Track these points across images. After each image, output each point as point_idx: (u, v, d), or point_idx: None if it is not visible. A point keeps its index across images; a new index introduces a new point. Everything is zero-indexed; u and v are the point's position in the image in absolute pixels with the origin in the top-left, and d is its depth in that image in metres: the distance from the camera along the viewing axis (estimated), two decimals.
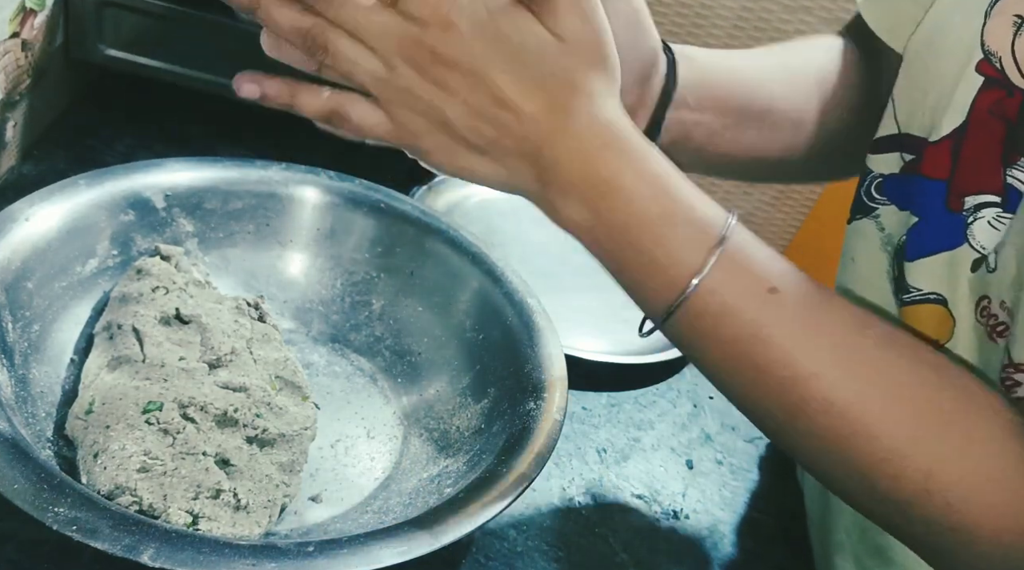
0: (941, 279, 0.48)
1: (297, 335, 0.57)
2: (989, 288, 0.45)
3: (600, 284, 0.76)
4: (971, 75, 0.48)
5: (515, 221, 0.78)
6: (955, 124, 0.48)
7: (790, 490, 0.64)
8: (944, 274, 0.48)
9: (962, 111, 0.48)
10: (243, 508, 0.42)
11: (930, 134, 0.50)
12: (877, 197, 0.54)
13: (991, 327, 0.45)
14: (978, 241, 0.46)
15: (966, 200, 0.47)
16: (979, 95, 0.47)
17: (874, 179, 0.54)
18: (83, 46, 0.67)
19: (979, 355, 0.47)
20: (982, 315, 0.46)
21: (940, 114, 0.49)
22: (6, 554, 0.42)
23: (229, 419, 0.45)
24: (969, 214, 0.47)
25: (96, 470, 0.41)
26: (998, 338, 0.45)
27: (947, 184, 0.48)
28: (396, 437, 0.53)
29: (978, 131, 0.47)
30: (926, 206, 0.49)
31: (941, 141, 0.49)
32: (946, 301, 0.48)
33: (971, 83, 0.48)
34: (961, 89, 0.48)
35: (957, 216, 0.47)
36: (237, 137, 0.73)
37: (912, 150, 0.51)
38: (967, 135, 0.48)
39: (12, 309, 0.45)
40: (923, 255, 0.49)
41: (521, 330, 0.54)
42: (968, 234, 0.47)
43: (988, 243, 0.46)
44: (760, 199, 1.56)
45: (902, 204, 0.52)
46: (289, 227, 0.59)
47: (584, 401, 0.64)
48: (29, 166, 0.64)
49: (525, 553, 0.51)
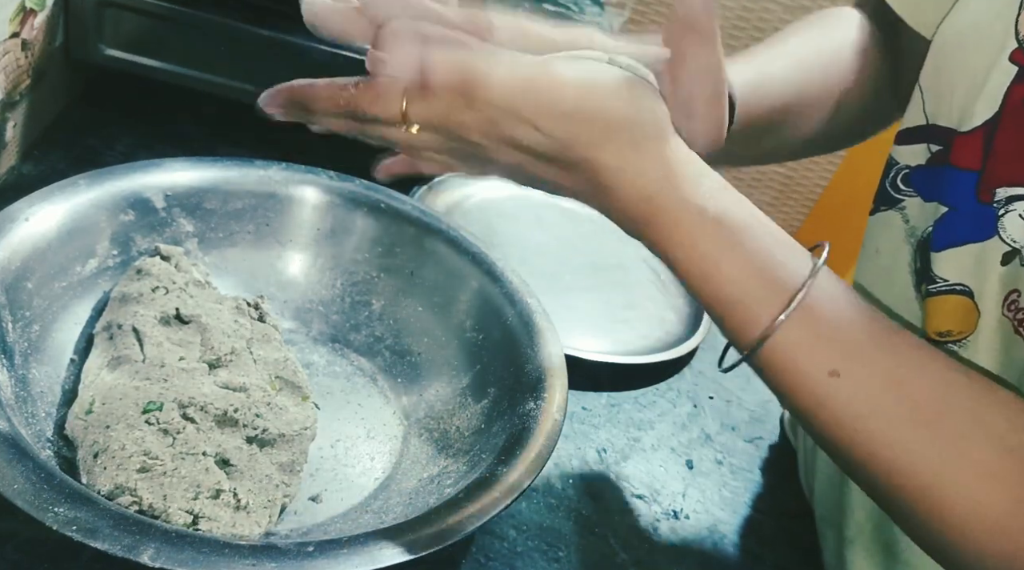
0: (968, 270, 0.47)
1: (297, 335, 0.57)
2: (1020, 281, 0.45)
3: (600, 284, 0.77)
4: (1004, 64, 0.47)
5: (515, 221, 0.78)
6: (988, 115, 0.47)
7: (790, 490, 0.64)
8: (972, 266, 0.47)
9: (995, 101, 0.47)
10: (243, 508, 0.42)
11: (960, 124, 0.49)
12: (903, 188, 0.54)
13: (1019, 321, 0.45)
14: (1009, 234, 0.46)
15: (997, 192, 0.46)
16: (1013, 86, 0.47)
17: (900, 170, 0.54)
18: (83, 46, 0.67)
19: (1002, 348, 0.46)
20: (1009, 309, 0.45)
21: (971, 104, 0.48)
22: (6, 554, 0.42)
23: (229, 419, 0.45)
24: (1000, 206, 0.46)
25: (96, 470, 0.41)
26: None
27: (978, 175, 0.47)
28: (396, 437, 0.53)
29: (1012, 122, 0.46)
30: (955, 197, 0.49)
31: (973, 131, 0.48)
32: (972, 293, 0.47)
33: (1005, 73, 0.47)
34: (994, 79, 0.47)
35: (988, 208, 0.47)
36: (237, 137, 0.73)
37: (939, 141, 0.51)
38: (1000, 126, 0.47)
39: (12, 309, 0.45)
40: (951, 245, 0.48)
41: (521, 330, 0.54)
42: (999, 227, 0.46)
43: (1020, 236, 0.45)
44: (760, 199, 1.56)
45: (928, 195, 0.51)
46: (289, 227, 0.59)
47: (584, 401, 0.63)
48: (29, 166, 0.64)
49: (525, 553, 0.51)
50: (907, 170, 0.53)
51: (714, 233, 0.42)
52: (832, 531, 0.58)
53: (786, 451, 0.67)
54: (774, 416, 0.70)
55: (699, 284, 0.43)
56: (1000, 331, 0.46)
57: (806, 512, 0.62)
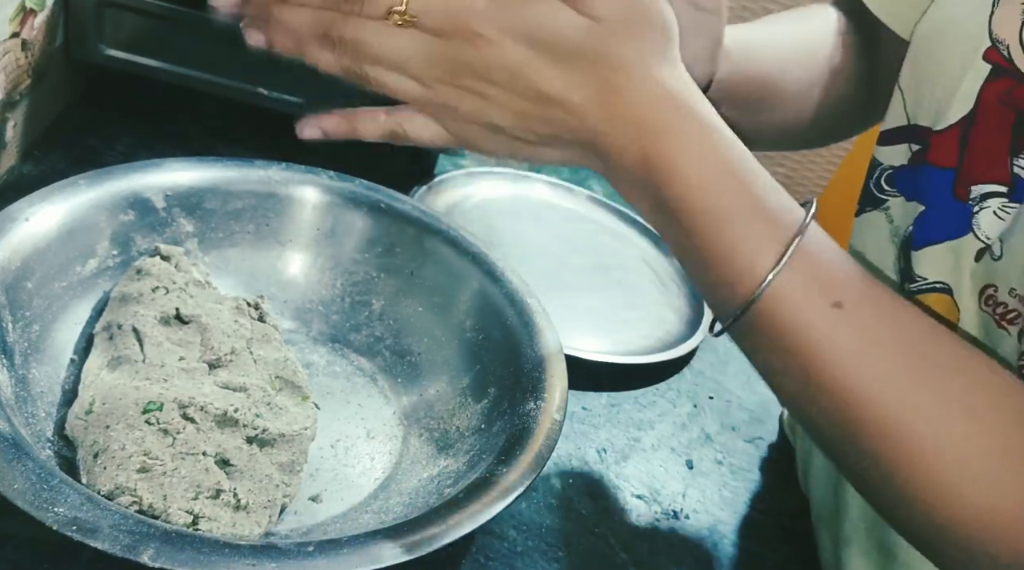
0: (946, 268, 0.48)
1: (297, 335, 0.57)
2: (995, 277, 0.45)
3: (600, 284, 0.77)
4: (979, 63, 0.47)
5: (515, 221, 0.78)
6: (963, 113, 0.48)
7: (790, 490, 0.64)
8: (949, 263, 0.47)
9: (970, 99, 0.47)
10: (243, 508, 0.42)
11: (936, 123, 0.49)
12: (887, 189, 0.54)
13: (999, 315, 0.45)
14: (983, 231, 0.46)
15: (972, 189, 0.47)
16: (987, 84, 0.47)
17: (883, 171, 0.54)
18: (83, 46, 0.67)
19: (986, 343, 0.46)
20: (986, 304, 0.46)
21: (947, 102, 0.49)
22: (6, 554, 0.42)
23: (229, 419, 0.45)
24: (975, 203, 0.46)
25: (96, 470, 0.41)
26: (1008, 325, 0.44)
27: (954, 173, 0.48)
28: (396, 437, 0.53)
29: (986, 120, 0.47)
30: (933, 195, 0.49)
31: (948, 130, 0.48)
32: (951, 290, 0.47)
33: (979, 71, 0.47)
34: (969, 77, 0.47)
35: (963, 205, 0.47)
36: (237, 137, 0.73)
37: (919, 140, 0.51)
38: (975, 124, 0.47)
39: (12, 309, 0.45)
40: (929, 244, 0.48)
41: (521, 330, 0.54)
42: (973, 224, 0.46)
43: (992, 233, 0.45)
44: None
45: (910, 195, 0.52)
46: (289, 227, 0.59)
47: (584, 401, 0.64)
48: (29, 166, 0.64)
49: (525, 553, 0.51)
50: (890, 170, 0.54)
51: (724, 155, 0.40)
52: (828, 531, 0.58)
53: (786, 451, 0.67)
54: (774, 416, 0.70)
55: (700, 224, 0.40)
56: (981, 326, 0.46)
57: (806, 512, 0.62)
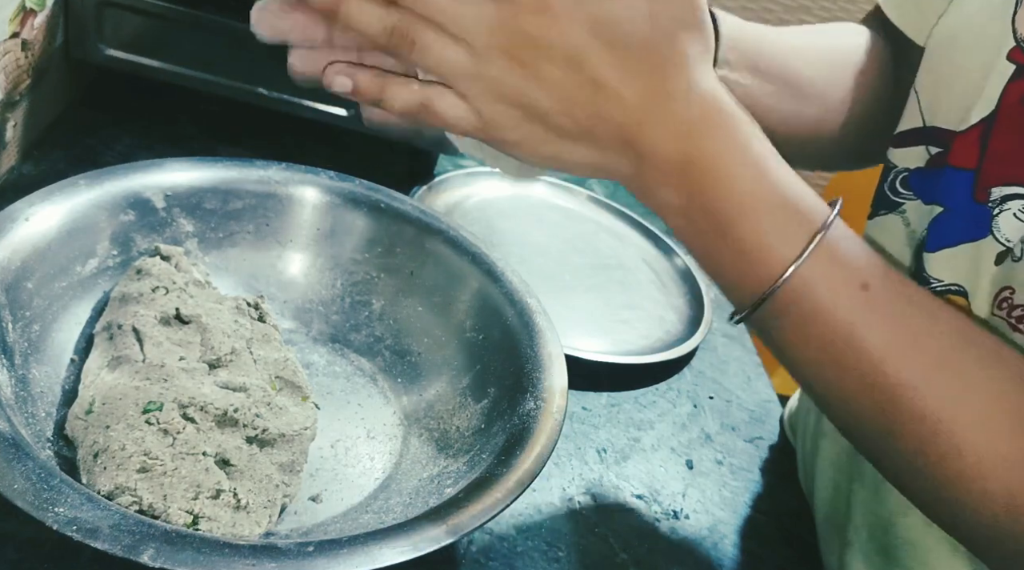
0: (962, 271, 0.47)
1: (297, 335, 0.57)
2: (1013, 278, 0.45)
3: (600, 284, 0.77)
4: (1002, 63, 0.47)
5: (515, 221, 0.78)
6: (984, 113, 0.47)
7: (790, 490, 0.64)
8: (966, 266, 0.47)
9: (992, 100, 0.47)
10: (243, 508, 0.42)
11: (958, 125, 0.49)
12: (903, 191, 0.53)
13: (1016, 318, 0.45)
14: (1003, 233, 0.46)
15: (992, 191, 0.46)
16: (1010, 84, 0.47)
17: (899, 174, 0.54)
18: (83, 46, 0.67)
19: None
20: (1000, 307, 0.45)
21: (969, 103, 0.48)
22: (6, 554, 0.42)
23: (229, 419, 0.45)
24: (995, 206, 0.46)
25: (96, 470, 0.41)
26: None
27: (974, 174, 0.47)
28: (396, 437, 0.53)
29: (1008, 121, 0.46)
30: (952, 197, 0.48)
31: (969, 130, 0.48)
32: (967, 293, 0.47)
33: (1002, 71, 0.47)
34: (992, 78, 0.47)
35: (983, 207, 0.46)
36: (237, 137, 0.73)
37: (939, 143, 0.51)
38: (996, 124, 0.47)
39: (12, 309, 0.45)
40: (945, 246, 0.48)
41: (521, 330, 0.54)
42: (993, 226, 0.46)
43: (1013, 235, 0.45)
44: None
45: (927, 198, 0.51)
46: (289, 227, 0.59)
47: (584, 401, 0.64)
48: (29, 166, 0.64)
49: (525, 553, 0.51)
50: (906, 173, 0.53)
51: (759, 150, 0.41)
52: (833, 533, 0.58)
53: (786, 451, 0.67)
54: (774, 416, 0.70)
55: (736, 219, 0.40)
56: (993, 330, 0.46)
57: (806, 512, 0.62)
